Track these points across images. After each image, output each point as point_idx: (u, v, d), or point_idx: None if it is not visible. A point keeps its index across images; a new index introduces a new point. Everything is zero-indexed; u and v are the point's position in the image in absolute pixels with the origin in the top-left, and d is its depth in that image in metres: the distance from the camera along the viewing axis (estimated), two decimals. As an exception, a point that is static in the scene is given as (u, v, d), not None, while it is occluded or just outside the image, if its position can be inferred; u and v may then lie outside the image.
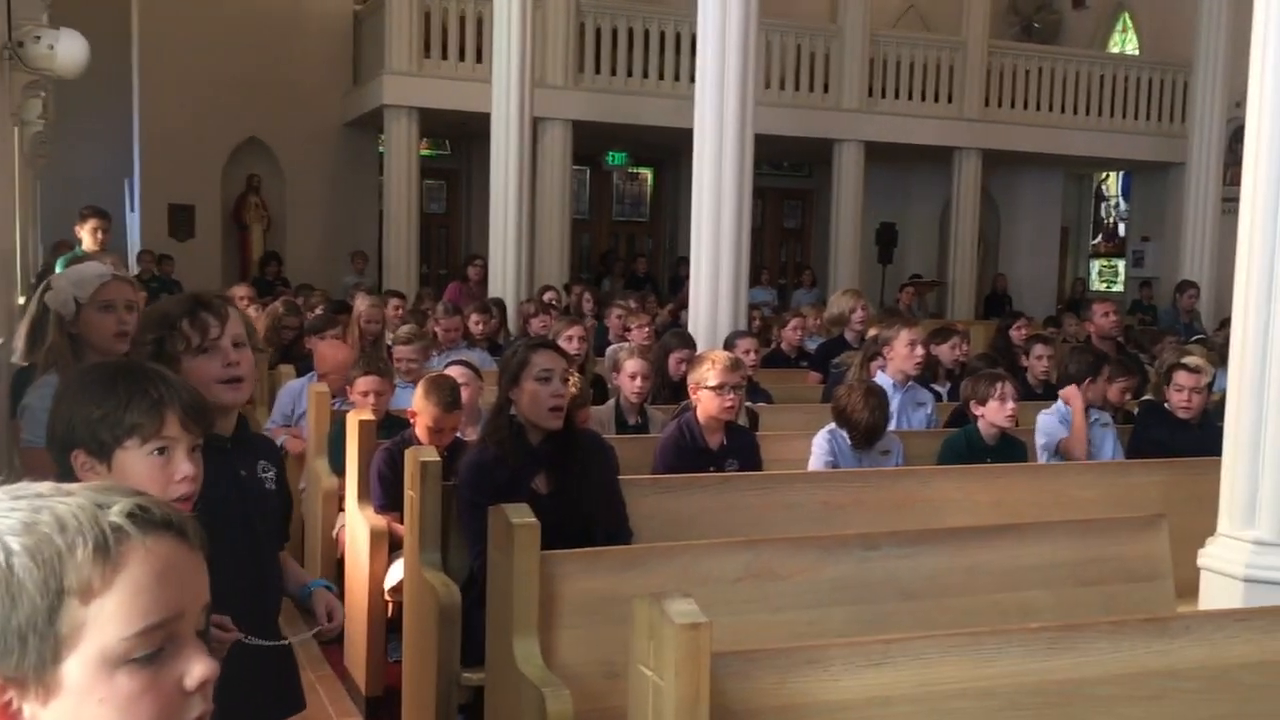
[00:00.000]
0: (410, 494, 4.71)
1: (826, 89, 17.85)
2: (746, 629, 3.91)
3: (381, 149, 17.32)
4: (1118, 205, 23.71)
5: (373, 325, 8.99)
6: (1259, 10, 4.60)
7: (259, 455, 3.01)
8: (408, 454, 4.80)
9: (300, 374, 7.80)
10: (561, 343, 7.41)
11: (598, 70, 16.65)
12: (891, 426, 6.74)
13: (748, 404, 7.14)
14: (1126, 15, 22.30)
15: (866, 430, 5.94)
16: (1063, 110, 19.20)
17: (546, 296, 11.91)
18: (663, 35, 16.85)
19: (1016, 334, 9.93)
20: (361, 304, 9.17)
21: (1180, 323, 14.44)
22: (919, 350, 7.17)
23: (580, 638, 3.79)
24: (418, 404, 5.49)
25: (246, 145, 18.19)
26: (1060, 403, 6.80)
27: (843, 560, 4.17)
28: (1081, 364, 6.87)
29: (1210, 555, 4.71)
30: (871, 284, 19.10)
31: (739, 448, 5.77)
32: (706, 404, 5.62)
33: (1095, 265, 24.10)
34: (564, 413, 4.46)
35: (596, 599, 3.83)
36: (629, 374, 6.63)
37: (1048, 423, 6.70)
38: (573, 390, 4.62)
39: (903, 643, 3.02)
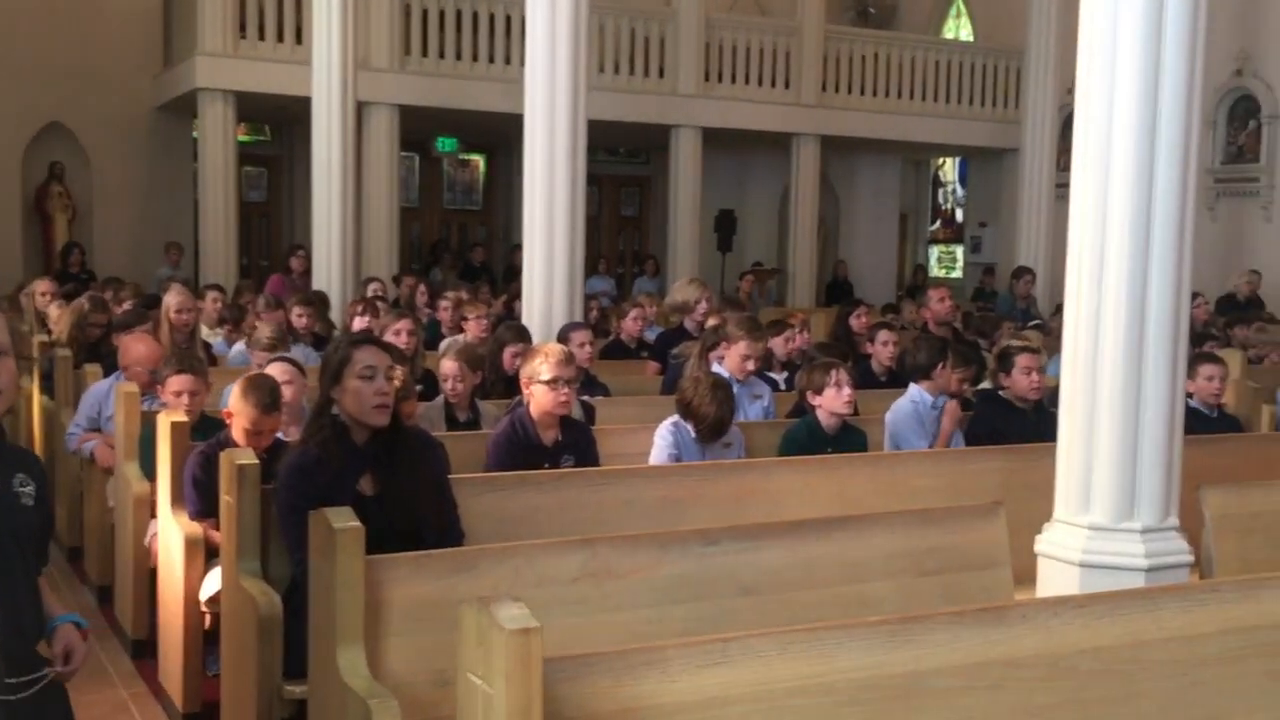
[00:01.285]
0: (227, 499, 4.58)
1: (662, 74, 17.91)
2: (583, 630, 3.89)
3: (196, 134, 16.83)
4: (955, 191, 24.32)
5: (183, 318, 8.70)
6: (1084, 12, 4.73)
7: (15, 468, 2.86)
8: (224, 457, 4.66)
9: (107, 374, 7.52)
10: (389, 337, 7.32)
11: (425, 53, 16.44)
12: (732, 418, 6.79)
13: (584, 398, 7.13)
14: (960, 2, 22.86)
15: (714, 424, 5.97)
16: (899, 96, 19.58)
17: (372, 289, 11.72)
18: (492, 17, 16.71)
19: (857, 322, 10.09)
20: (172, 297, 8.86)
21: (1017, 308, 14.88)
22: (751, 364, 7.24)
23: (408, 646, 3.73)
24: (234, 405, 5.34)
25: (48, 131, 17.54)
26: (912, 390, 6.91)
27: (682, 557, 4.17)
28: (930, 353, 7.00)
29: (1047, 541, 4.85)
30: (711, 272, 19.24)
31: (575, 443, 5.75)
32: (540, 399, 5.58)
33: (934, 251, 24.68)
34: (389, 410, 4.38)
35: (425, 604, 3.77)
36: (442, 376, 6.57)
37: (901, 414, 6.80)
38: (397, 386, 4.53)
39: (741, 640, 3.03)
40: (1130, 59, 4.56)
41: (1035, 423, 6.78)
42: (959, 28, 22.96)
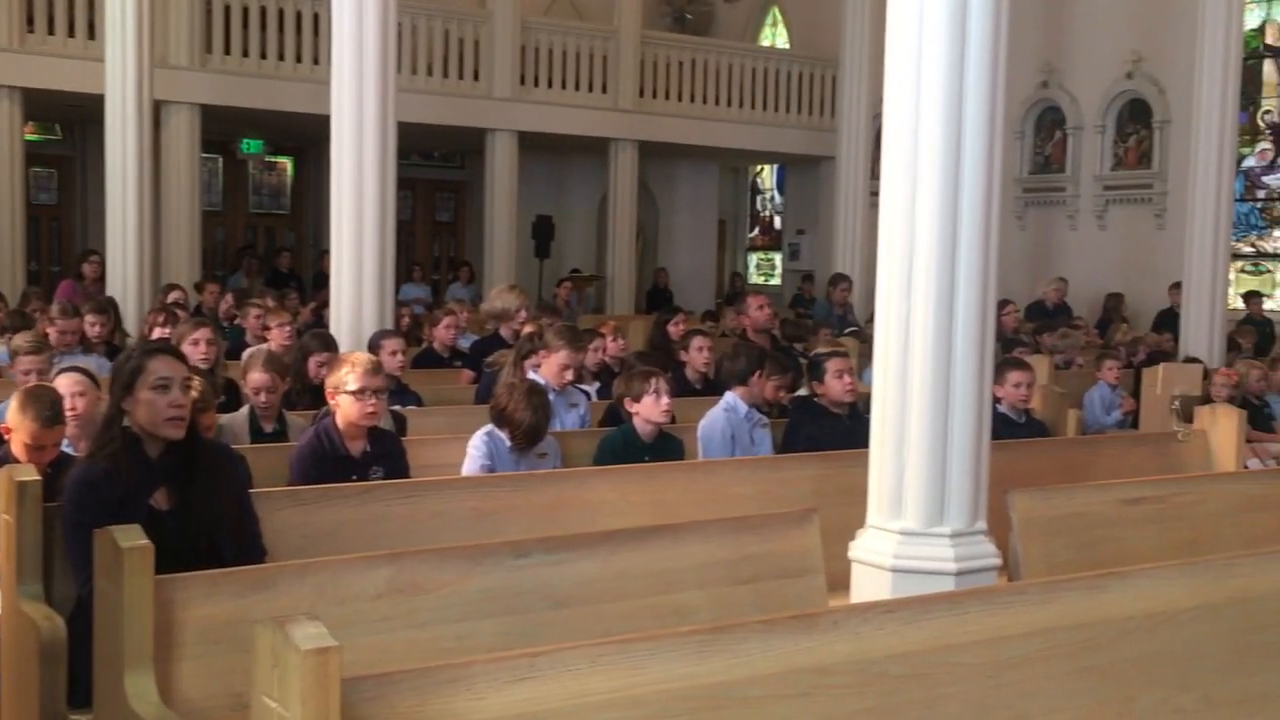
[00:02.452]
0: (5, 518, 4.38)
1: (477, 76, 17.83)
2: (389, 649, 3.83)
3: (-21, 133, 16.11)
4: (773, 198, 24.72)
5: (-44, 327, 8.32)
6: (892, 11, 4.85)
7: None
8: (1, 473, 4.46)
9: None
10: (188, 346, 7.12)
11: (228, 51, 16.06)
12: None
13: (395, 408, 7.05)
14: (776, 9, 23.27)
15: (529, 431, 5.94)
16: (717, 103, 19.83)
17: (172, 297, 11.39)
18: (299, 15, 16.41)
19: (674, 329, 10.16)
20: (-54, 306, 8.48)
21: (834, 315, 15.17)
22: (570, 374, 7.24)
23: (203, 669, 3.62)
24: (12, 419, 5.12)
25: None
26: (727, 398, 6.98)
27: (492, 570, 4.14)
28: (748, 360, 7.07)
29: (860, 547, 4.96)
30: (529, 278, 19.21)
31: (384, 454, 5.67)
32: (346, 409, 5.49)
33: (753, 258, 25.05)
34: (185, 423, 4.24)
35: (222, 625, 3.66)
36: (253, 387, 6.43)
37: (712, 423, 6.85)
38: (194, 397, 4.40)
39: (550, 654, 3.00)
40: (935, 71, 4.70)
41: (851, 428, 6.91)
42: (776, 36, 23.36)
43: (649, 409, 6.28)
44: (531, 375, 7.22)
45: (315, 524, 4.85)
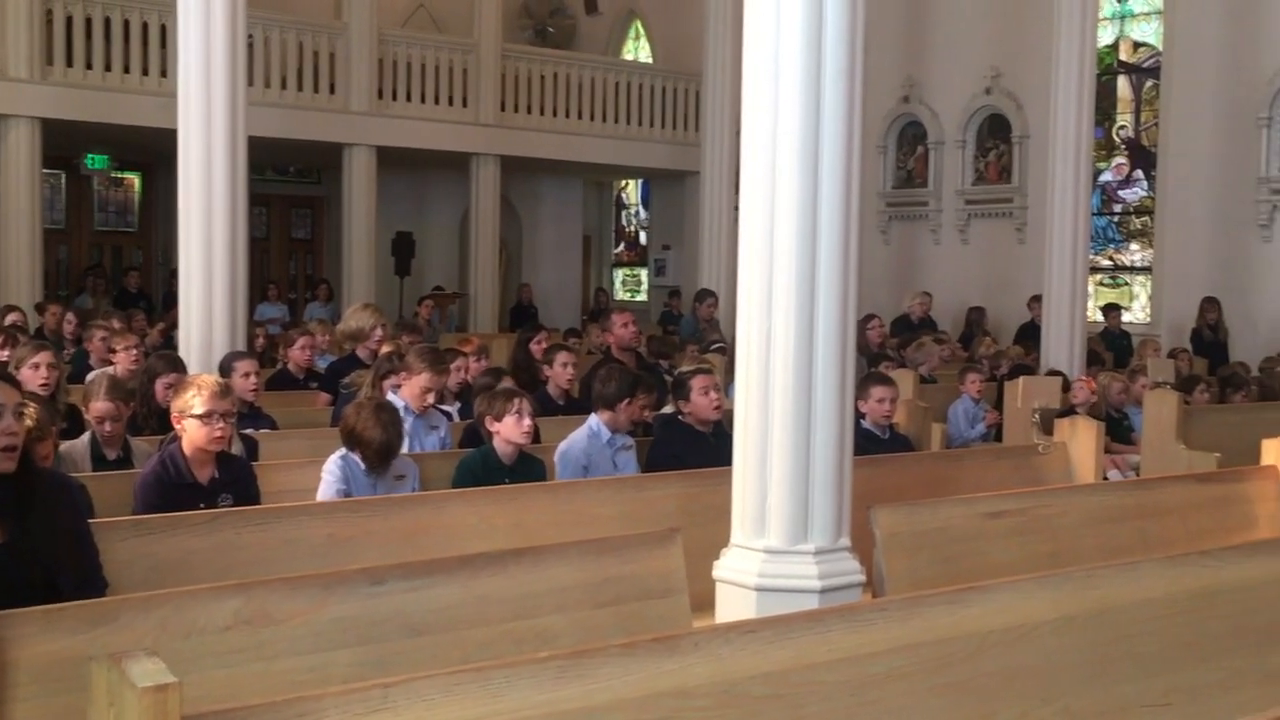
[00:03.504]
0: None
1: (333, 90, 17.63)
2: (237, 683, 3.76)
3: None
4: (638, 214, 24.83)
5: None
6: (749, 26, 4.90)
7: None
8: None
9: None
10: (27, 371, 6.91)
11: (70, 63, 15.65)
12: (405, 449, 6.71)
13: (248, 431, 6.92)
14: (639, 23, 23.40)
15: (380, 450, 5.87)
16: (580, 116, 19.87)
17: (10, 319, 11.04)
18: (145, 26, 16.07)
19: (537, 346, 10.12)
20: None
21: (700, 331, 15.25)
22: (431, 397, 7.18)
23: (40, 710, 3.51)
24: None
25: None
26: (591, 422, 6.95)
27: (346, 598, 4.07)
28: (620, 385, 7.02)
29: (724, 566, 4.97)
30: (389, 296, 19.04)
31: (234, 480, 5.56)
32: (193, 434, 5.37)
33: (619, 274, 25.12)
34: (16, 453, 4.10)
35: (59, 663, 3.55)
36: (96, 417, 6.25)
37: (573, 448, 6.82)
38: (28, 425, 4.26)
39: (404, 684, 2.96)
40: (792, 86, 4.75)
41: (716, 446, 6.92)
42: (639, 49, 23.49)
43: (510, 429, 6.25)
44: (391, 396, 7.15)
45: (161, 554, 4.74)
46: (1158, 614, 4.30)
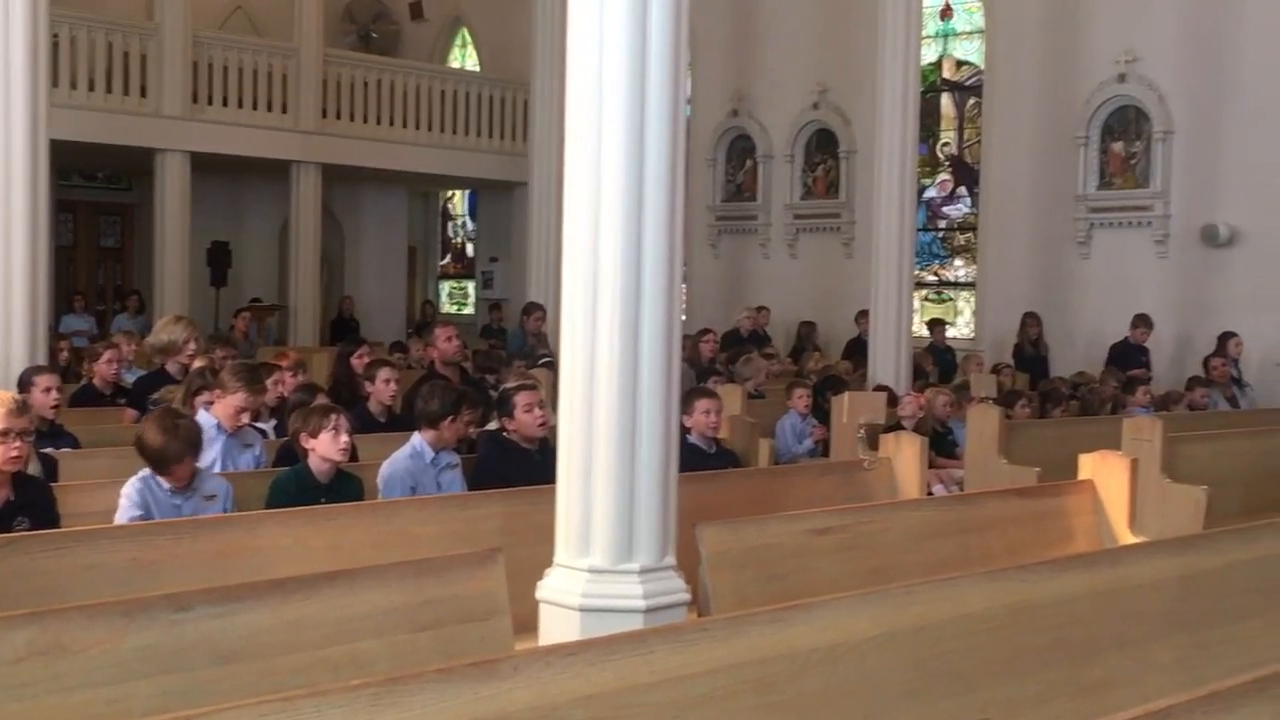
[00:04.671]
0: None
1: (144, 93, 17.16)
2: (34, 717, 3.62)
3: None
4: (465, 225, 24.68)
5: None
6: (573, 36, 4.89)
7: None
8: None
9: None
10: None
11: None
12: (217, 468, 6.56)
13: (47, 450, 6.70)
14: (466, 30, 23.30)
15: (158, 457, 5.68)
16: (404, 125, 19.69)
17: None
18: (-59, 21, 15.46)
19: (358, 362, 9.98)
20: None
21: (528, 345, 15.19)
22: (245, 417, 7.02)
23: None
24: None
25: None
26: (414, 440, 6.86)
27: (149, 626, 3.95)
28: (443, 403, 6.95)
29: (547, 587, 4.94)
30: (205, 308, 18.61)
31: (30, 503, 5.38)
32: (-15, 454, 5.16)
33: (445, 286, 24.93)
34: None
35: None
36: None
37: (396, 468, 6.72)
38: None
39: (208, 716, 2.89)
40: (616, 99, 4.76)
41: (542, 463, 6.89)
42: (465, 57, 23.38)
43: (326, 446, 6.14)
44: (202, 414, 6.97)
45: (-52, 583, 4.54)
46: (976, 629, 4.40)
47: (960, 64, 17.76)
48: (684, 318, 18.89)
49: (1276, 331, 14.52)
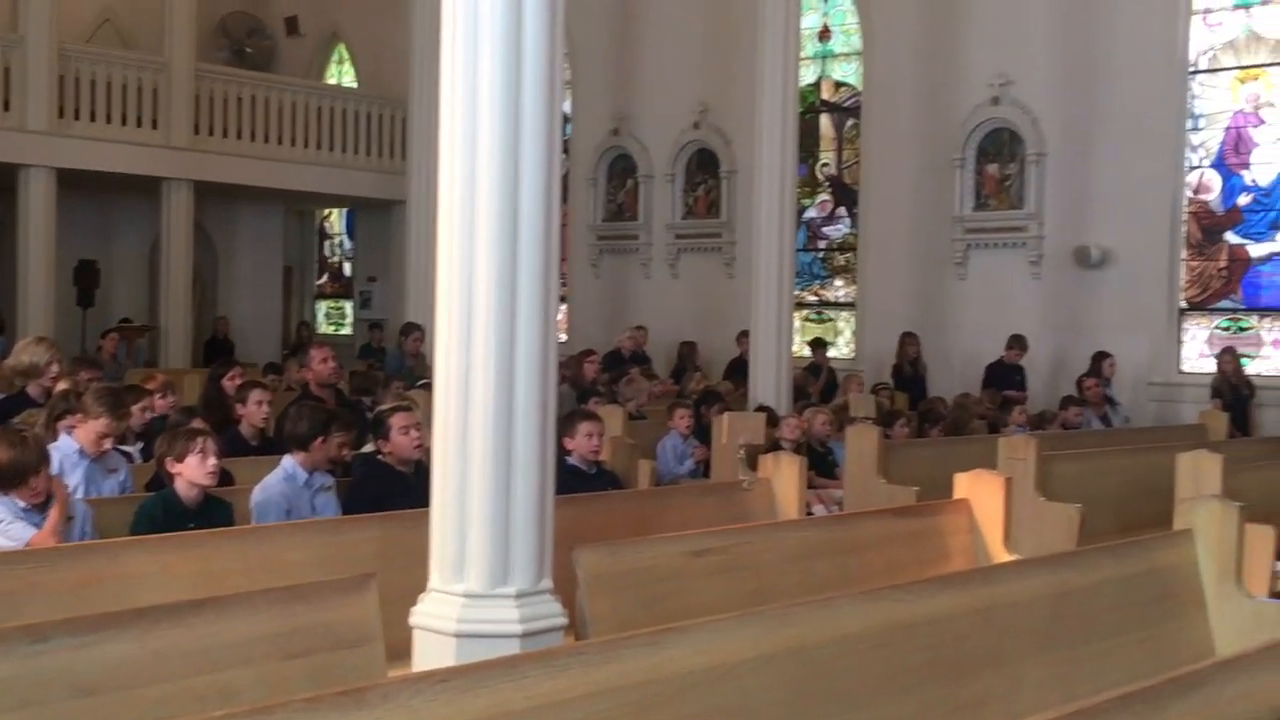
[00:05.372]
0: None
1: (8, 107, 16.78)
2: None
3: None
4: (342, 244, 24.44)
5: None
6: (446, 53, 4.86)
7: None
8: None
9: None
10: None
11: None
12: (80, 494, 6.43)
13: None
14: (343, 46, 23.11)
15: (31, 468, 5.56)
16: (280, 142, 19.48)
17: None
18: None
19: (229, 383, 9.83)
20: None
21: (406, 366, 15.08)
22: (109, 442, 6.88)
23: None
24: None
25: None
26: (285, 463, 6.76)
27: (4, 658, 3.82)
28: (311, 423, 6.87)
29: (422, 612, 4.88)
30: (71, 329, 18.20)
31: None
32: None
33: (322, 306, 24.66)
34: None
35: None
36: None
37: (269, 492, 6.62)
38: None
39: (63, 753, 2.80)
40: (490, 118, 4.73)
41: (417, 486, 6.84)
42: (342, 73, 23.19)
43: (193, 470, 6.03)
44: (64, 438, 6.82)
45: None
46: (854, 649, 4.43)
47: (839, 85, 18.00)
48: (565, 338, 18.98)
49: (1147, 351, 14.91)
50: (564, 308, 19.75)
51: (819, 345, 16.59)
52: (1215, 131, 14.98)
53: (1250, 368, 14.40)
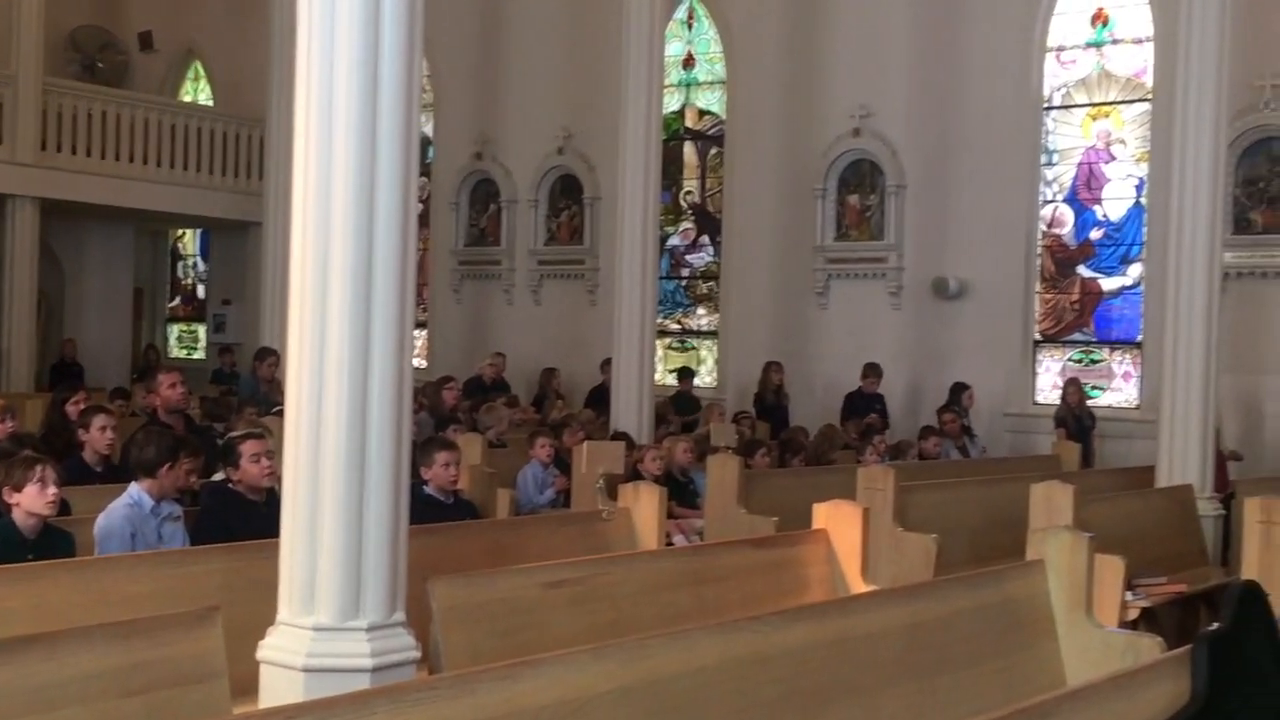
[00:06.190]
0: None
1: None
2: None
3: None
4: (196, 265, 23.99)
5: None
6: (301, 74, 4.79)
7: None
8: None
9: None
10: None
11: None
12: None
13: None
14: (199, 63, 22.72)
15: None
16: (132, 160, 19.07)
17: None
18: None
19: (73, 408, 9.57)
20: None
21: (260, 392, 14.80)
22: None
23: None
24: None
25: None
26: (131, 491, 6.60)
27: None
28: (157, 452, 6.71)
29: (270, 646, 4.78)
30: (-96, 352, 17.60)
31: None
32: None
33: (174, 330, 24.17)
34: None
35: None
36: None
37: (112, 520, 6.44)
38: None
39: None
40: (346, 139, 4.69)
41: (268, 516, 6.70)
42: (198, 91, 22.80)
43: (32, 500, 5.86)
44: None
45: None
46: (710, 681, 4.43)
47: (703, 113, 18.15)
48: (425, 364, 18.85)
49: (1003, 382, 15.23)
50: (424, 333, 19.62)
51: (684, 374, 16.65)
52: (1068, 167, 15.39)
53: (1101, 400, 14.78)
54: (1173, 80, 11.45)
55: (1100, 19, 15.19)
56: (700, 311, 18.27)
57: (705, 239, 18.18)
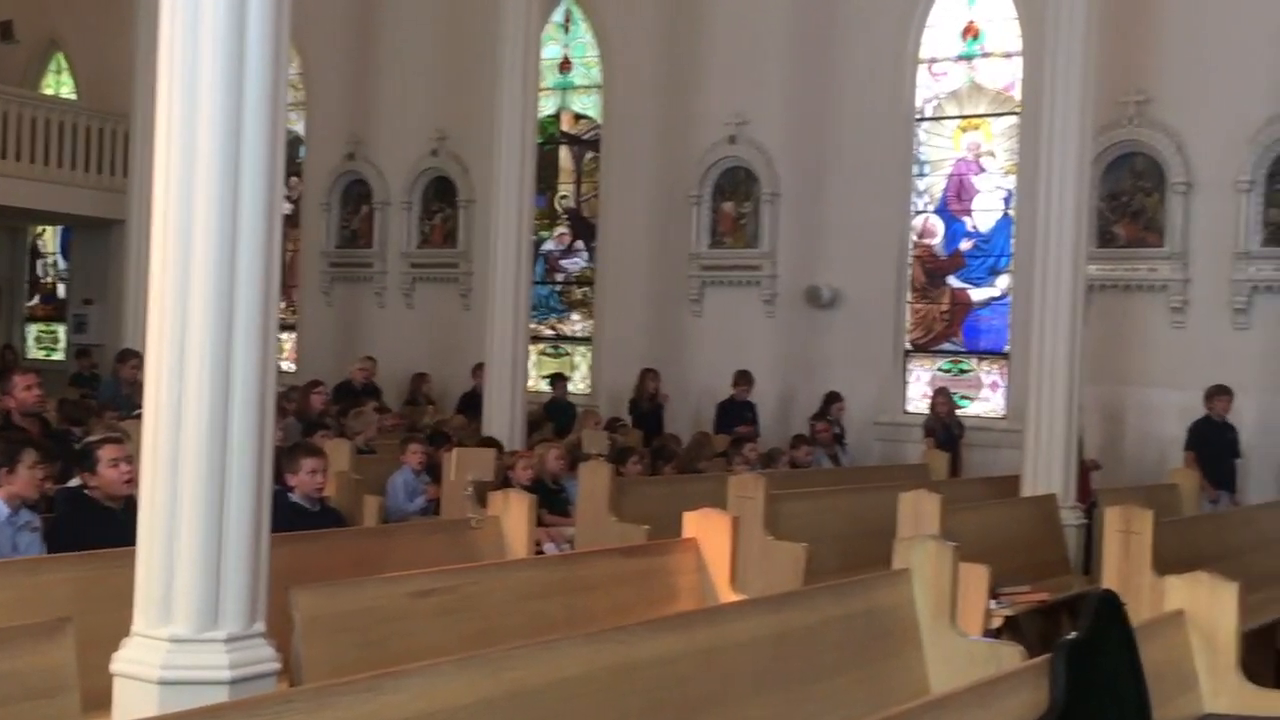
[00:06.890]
0: None
1: None
2: None
3: None
4: (57, 264, 23.42)
5: None
6: (164, 69, 4.69)
7: None
8: None
9: None
10: None
11: None
12: None
13: None
14: (61, 55, 22.21)
15: None
16: (-9, 154, 18.59)
17: None
18: None
19: (-82, 413, 9.28)
20: None
21: (122, 395, 14.49)
22: None
23: None
24: None
25: None
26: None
27: None
28: (4, 455, 6.54)
29: (124, 659, 4.66)
30: None
31: None
32: None
33: (33, 330, 23.57)
34: None
35: None
36: None
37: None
38: None
39: None
40: (210, 137, 4.60)
41: (127, 523, 6.54)
42: (60, 84, 22.28)
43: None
44: None
45: None
46: (575, 692, 4.41)
47: (579, 118, 18.14)
48: (294, 368, 18.60)
49: (874, 391, 15.42)
50: (293, 336, 19.38)
51: (559, 380, 16.62)
52: (939, 178, 15.65)
53: (969, 409, 15.03)
54: (1040, 94, 11.68)
55: (971, 32, 15.46)
56: (575, 317, 18.25)
57: (580, 244, 18.17)
